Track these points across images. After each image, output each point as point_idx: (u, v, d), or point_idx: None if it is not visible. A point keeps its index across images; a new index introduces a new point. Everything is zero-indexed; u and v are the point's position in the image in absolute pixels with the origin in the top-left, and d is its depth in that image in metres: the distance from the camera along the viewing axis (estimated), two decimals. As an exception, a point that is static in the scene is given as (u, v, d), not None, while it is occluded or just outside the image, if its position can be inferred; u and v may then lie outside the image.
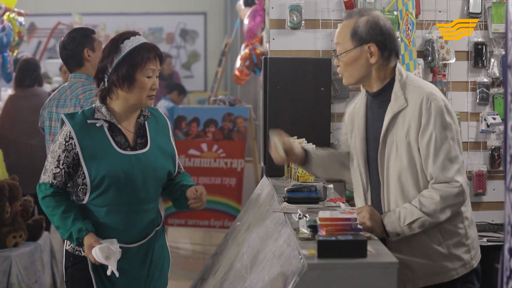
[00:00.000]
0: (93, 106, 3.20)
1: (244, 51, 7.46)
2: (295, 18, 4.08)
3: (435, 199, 2.89)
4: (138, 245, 3.20)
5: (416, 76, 3.99)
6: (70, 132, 3.11)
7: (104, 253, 2.99)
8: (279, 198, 3.33)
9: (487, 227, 4.11)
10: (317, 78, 4.00)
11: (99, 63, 3.16)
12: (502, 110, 3.95)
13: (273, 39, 4.13)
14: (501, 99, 4.14)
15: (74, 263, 3.18)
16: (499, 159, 4.17)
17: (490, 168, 4.19)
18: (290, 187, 3.37)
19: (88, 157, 3.09)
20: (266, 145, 4.07)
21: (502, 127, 4.09)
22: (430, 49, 4.09)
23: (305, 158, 3.30)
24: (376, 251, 2.56)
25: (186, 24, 13.23)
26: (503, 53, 3.94)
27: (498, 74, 4.14)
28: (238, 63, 7.65)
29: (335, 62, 3.10)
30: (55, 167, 3.12)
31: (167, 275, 3.37)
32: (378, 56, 3.01)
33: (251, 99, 9.74)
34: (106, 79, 3.14)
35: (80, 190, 3.15)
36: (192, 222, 7.31)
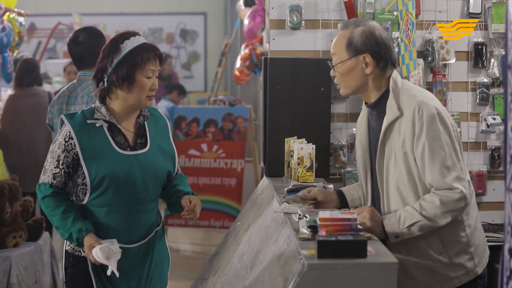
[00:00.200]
0: (93, 106, 3.20)
1: (244, 51, 7.46)
2: (295, 18, 4.07)
3: (435, 203, 2.88)
4: (138, 245, 3.20)
5: (416, 76, 3.99)
6: (69, 132, 3.11)
7: (105, 253, 2.98)
8: (279, 198, 3.33)
9: (487, 227, 4.10)
10: (317, 78, 4.00)
11: (99, 63, 3.16)
12: (502, 111, 3.95)
13: (273, 39, 4.13)
14: (501, 99, 4.14)
15: (74, 263, 3.18)
16: (499, 159, 4.17)
17: (490, 168, 4.18)
18: (290, 187, 3.37)
19: (88, 157, 3.09)
20: (266, 145, 4.07)
21: (502, 127, 4.09)
22: (430, 49, 4.08)
23: (341, 199, 3.26)
24: (376, 251, 2.56)
25: (186, 24, 13.23)
26: (503, 53, 3.94)
27: (498, 74, 4.14)
28: (238, 63, 7.65)
29: (331, 72, 3.09)
30: (55, 167, 3.12)
31: (167, 275, 3.37)
32: (373, 66, 3.00)
33: (251, 99, 9.74)
34: (105, 79, 3.14)
35: (80, 191, 3.15)
36: (192, 222, 7.30)
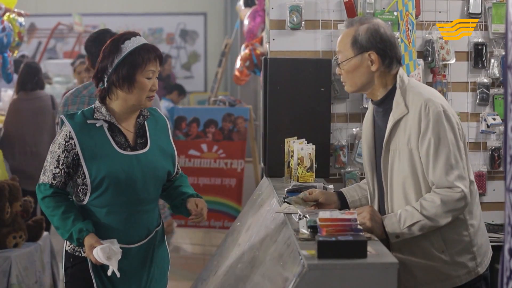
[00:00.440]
0: (93, 106, 3.20)
1: (244, 51, 7.46)
2: (295, 19, 4.07)
3: (436, 203, 2.88)
4: (139, 246, 3.20)
5: (416, 76, 3.99)
6: (70, 132, 3.11)
7: (106, 253, 2.98)
8: (279, 199, 3.33)
9: (487, 228, 4.08)
10: (317, 79, 3.99)
11: (99, 63, 3.16)
12: (502, 111, 3.95)
13: (273, 39, 4.13)
14: (501, 99, 4.14)
15: (74, 263, 3.18)
16: (499, 160, 4.17)
17: (490, 169, 4.18)
18: (290, 187, 3.37)
19: (88, 157, 3.09)
20: (266, 146, 4.06)
21: (502, 128, 4.09)
22: (430, 49, 4.08)
23: (341, 200, 3.27)
24: (376, 252, 2.56)
25: (186, 24, 13.24)
26: (503, 53, 3.94)
27: (498, 75, 4.14)
28: (238, 63, 7.65)
29: (337, 70, 3.11)
30: (55, 168, 3.12)
31: (167, 276, 3.37)
32: (379, 63, 3.01)
33: (251, 99, 9.74)
34: (105, 79, 3.13)
35: (80, 191, 3.14)
36: (192, 223, 7.28)
